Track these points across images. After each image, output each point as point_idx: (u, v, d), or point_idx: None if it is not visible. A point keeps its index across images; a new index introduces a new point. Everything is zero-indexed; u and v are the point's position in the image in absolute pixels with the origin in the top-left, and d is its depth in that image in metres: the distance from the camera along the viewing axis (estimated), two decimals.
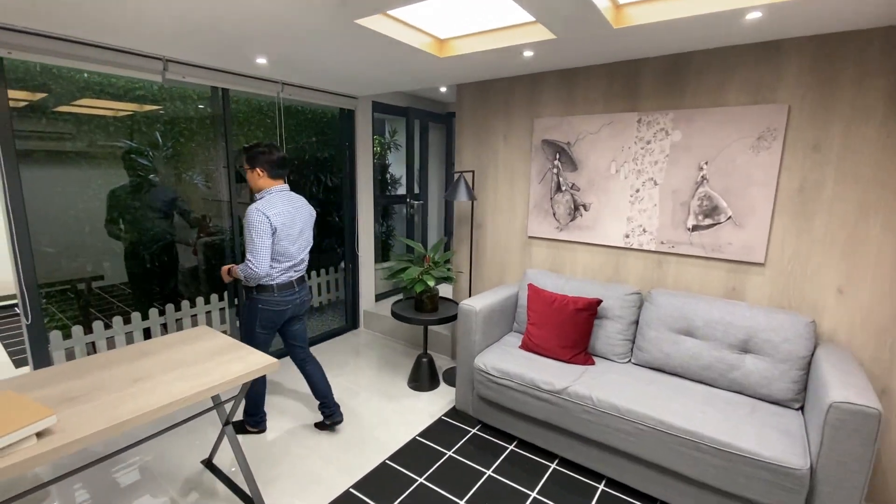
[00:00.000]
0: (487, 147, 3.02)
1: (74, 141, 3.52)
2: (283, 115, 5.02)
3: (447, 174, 4.87)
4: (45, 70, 3.42)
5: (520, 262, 2.99)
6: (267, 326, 2.26)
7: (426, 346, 3.05)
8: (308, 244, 2.32)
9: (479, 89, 2.99)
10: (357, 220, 3.92)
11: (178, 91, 4.19)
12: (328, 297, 5.02)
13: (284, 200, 2.18)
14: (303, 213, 2.28)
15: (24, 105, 3.25)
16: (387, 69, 2.60)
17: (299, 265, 2.30)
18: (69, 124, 3.56)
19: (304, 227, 2.27)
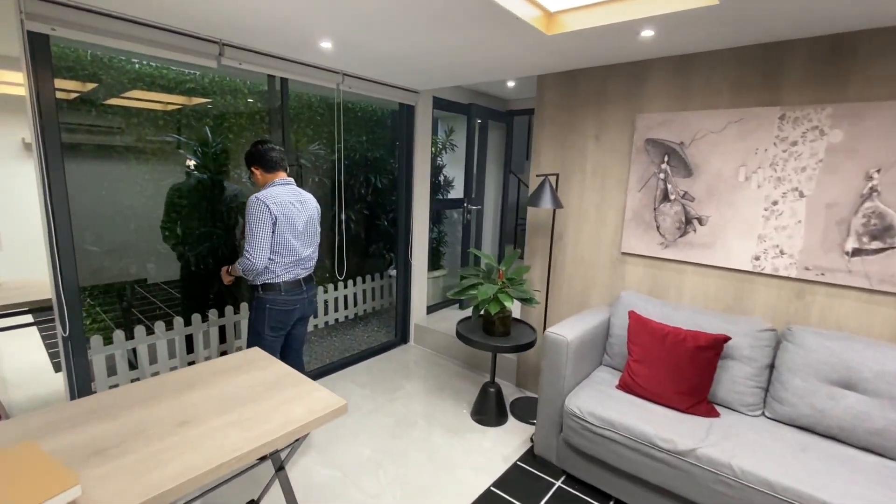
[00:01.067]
0: (573, 148, 2.61)
1: (123, 135, 3.35)
2: (328, 113, 4.77)
3: (505, 178, 4.48)
4: (96, 59, 3.26)
5: (608, 282, 2.57)
6: (276, 328, 2.13)
7: (494, 373, 2.66)
8: (315, 240, 2.21)
9: (566, 81, 2.59)
10: (412, 224, 3.58)
11: (228, 84, 3.98)
12: (372, 304, 4.72)
13: (287, 192, 2.08)
14: (308, 207, 2.16)
15: (73, 97, 3.08)
16: (470, 54, 2.24)
17: (306, 262, 2.17)
18: (117, 117, 3.39)
19: (309, 222, 2.15)
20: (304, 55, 2.46)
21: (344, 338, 4.03)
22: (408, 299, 3.71)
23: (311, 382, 1.54)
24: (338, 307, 4.37)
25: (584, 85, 2.52)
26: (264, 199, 1.98)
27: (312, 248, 2.20)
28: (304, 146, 4.22)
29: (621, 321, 2.33)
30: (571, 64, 2.42)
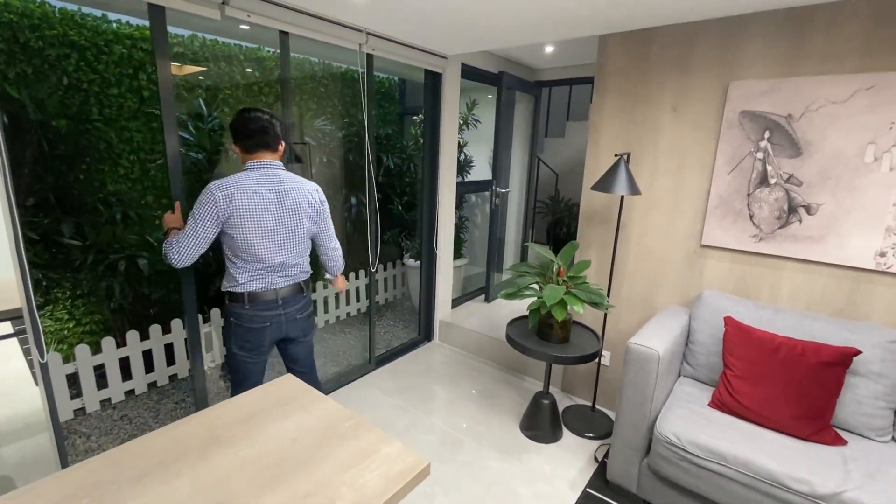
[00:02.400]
0: (643, 122, 2.23)
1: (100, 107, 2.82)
2: (334, 84, 4.27)
3: (532, 156, 4.08)
4: (65, 14, 2.71)
5: (683, 279, 2.23)
6: (245, 348, 1.71)
7: (548, 383, 2.33)
8: (301, 244, 1.72)
9: (637, 42, 2.19)
10: (437, 210, 3.19)
11: (221, 49, 3.47)
12: (385, 296, 4.35)
13: (257, 179, 1.59)
14: (290, 200, 1.65)
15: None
16: (519, 2, 1.82)
17: (283, 270, 1.69)
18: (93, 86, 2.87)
19: (290, 219, 1.66)
20: (327, 7, 2.00)
21: (359, 334, 3.67)
22: (432, 293, 3.34)
23: (374, 430, 1.18)
24: (349, 300, 3.99)
25: (661, 47, 2.12)
26: (216, 186, 1.53)
27: (290, 254, 1.68)
28: (310, 121, 3.75)
29: (705, 326, 2.00)
30: (645, 20, 2.01)
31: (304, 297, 1.79)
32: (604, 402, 2.57)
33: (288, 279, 1.71)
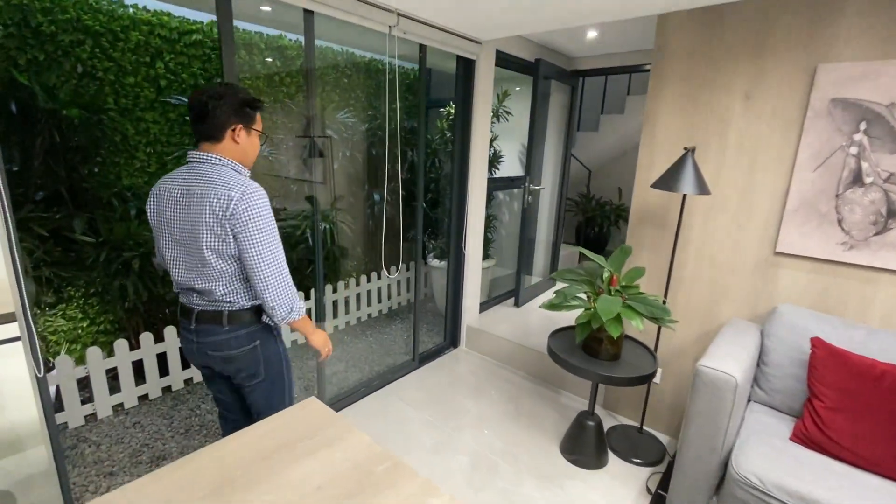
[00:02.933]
0: (709, 111, 1.97)
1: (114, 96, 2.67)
2: (357, 74, 4.08)
3: (566, 151, 3.83)
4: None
5: (751, 289, 1.97)
6: (199, 370, 1.49)
7: (594, 403, 2.10)
8: (207, 265, 1.26)
9: (705, 20, 1.93)
10: (466, 208, 2.97)
11: (242, 38, 3.31)
12: (407, 297, 4.16)
13: (181, 176, 1.28)
14: (193, 206, 1.23)
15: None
16: None
17: (188, 292, 1.34)
18: (108, 74, 2.73)
19: (190, 233, 1.25)
20: None
21: (381, 336, 3.49)
22: (459, 297, 3.13)
23: (414, 476, 0.98)
24: (370, 301, 3.81)
25: (735, 25, 1.86)
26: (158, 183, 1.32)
27: (196, 276, 1.28)
28: (332, 114, 3.58)
29: (781, 345, 1.74)
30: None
31: (224, 331, 1.31)
32: (652, 422, 2.33)
33: (207, 303, 1.32)
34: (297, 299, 1.32)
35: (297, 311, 1.32)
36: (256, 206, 1.22)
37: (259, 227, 1.22)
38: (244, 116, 1.29)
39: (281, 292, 1.28)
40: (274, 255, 1.26)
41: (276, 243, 1.26)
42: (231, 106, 1.25)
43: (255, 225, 1.21)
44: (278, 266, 1.27)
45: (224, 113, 1.24)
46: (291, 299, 1.30)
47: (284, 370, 1.46)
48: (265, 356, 1.39)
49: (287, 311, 1.30)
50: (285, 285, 1.28)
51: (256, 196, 1.22)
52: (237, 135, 1.28)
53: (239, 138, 1.29)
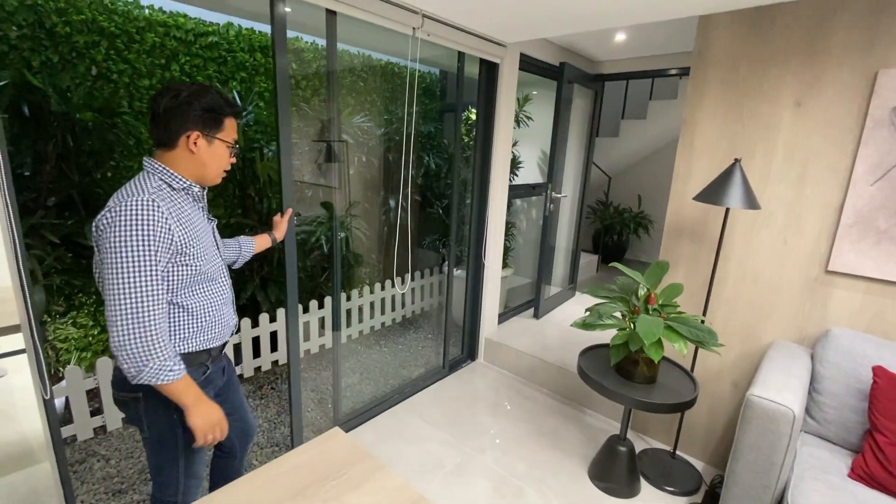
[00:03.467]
0: (754, 119, 1.85)
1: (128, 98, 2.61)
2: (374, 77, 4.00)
3: (588, 158, 3.71)
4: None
5: (798, 309, 1.84)
6: None
7: (626, 427, 1.98)
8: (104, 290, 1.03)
9: (751, 22, 1.81)
10: (486, 216, 2.87)
11: (257, 39, 3.24)
12: (421, 305, 4.06)
13: None
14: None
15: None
16: None
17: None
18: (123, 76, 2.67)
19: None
20: None
21: (395, 347, 3.39)
22: (477, 308, 3.03)
23: None
24: (384, 310, 3.72)
25: (786, 28, 1.74)
26: None
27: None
28: (348, 118, 3.50)
29: (836, 372, 1.62)
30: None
31: (117, 369, 1.13)
32: (686, 447, 2.20)
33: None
34: (153, 358, 1.00)
35: (152, 373, 1.01)
36: (123, 225, 0.96)
37: (117, 249, 0.96)
38: (205, 122, 1.10)
39: (129, 339, 0.98)
40: (127, 289, 0.97)
41: (137, 275, 0.97)
42: (189, 108, 1.07)
43: (113, 246, 0.97)
44: (131, 304, 0.97)
45: (179, 116, 1.07)
46: (143, 354, 0.99)
47: (179, 438, 1.16)
48: (147, 413, 1.13)
49: (136, 370, 0.99)
50: (138, 332, 0.98)
51: (130, 213, 0.97)
52: (193, 143, 1.09)
53: (196, 147, 1.10)
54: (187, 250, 1.07)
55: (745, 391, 2.01)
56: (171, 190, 1.09)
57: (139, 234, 0.97)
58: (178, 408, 1.10)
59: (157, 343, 1.01)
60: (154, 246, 0.99)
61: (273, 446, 2.24)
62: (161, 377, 1.02)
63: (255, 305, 3.03)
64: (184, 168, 1.11)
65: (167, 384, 1.04)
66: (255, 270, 2.98)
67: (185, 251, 1.07)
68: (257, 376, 2.90)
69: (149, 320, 0.99)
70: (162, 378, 1.02)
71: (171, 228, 1.02)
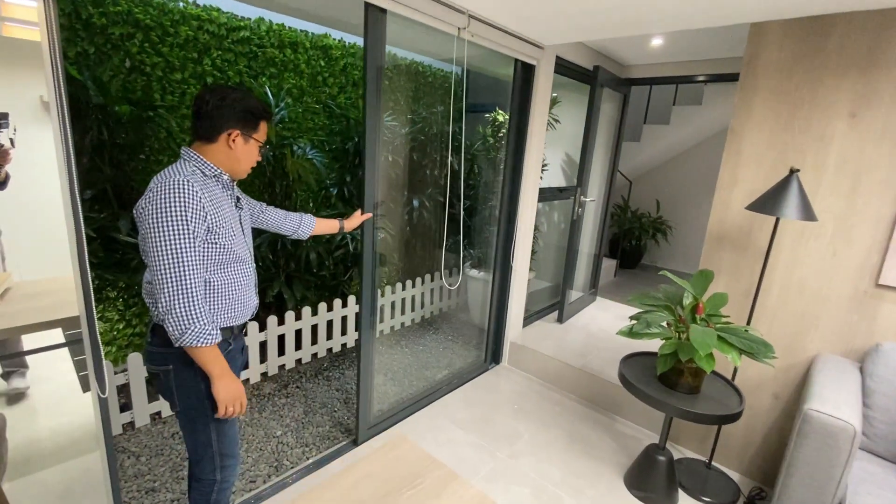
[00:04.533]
0: (804, 129, 1.83)
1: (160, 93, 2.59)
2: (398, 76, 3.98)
3: (613, 162, 3.69)
4: None
5: (846, 322, 1.82)
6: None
7: (666, 436, 1.96)
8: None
9: (806, 31, 1.79)
10: (516, 218, 2.85)
11: (287, 35, 3.22)
12: (439, 306, 4.05)
13: None
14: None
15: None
16: None
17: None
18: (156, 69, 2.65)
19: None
20: None
21: (416, 348, 3.37)
22: (504, 311, 3.01)
23: None
24: (404, 310, 3.70)
25: (843, 37, 1.72)
26: None
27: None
28: None
29: (888, 387, 1.60)
30: (823, 5, 1.61)
31: (148, 343, 1.23)
32: (721, 457, 2.19)
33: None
34: (196, 322, 1.10)
35: (195, 335, 1.10)
36: (163, 201, 1.06)
37: (158, 224, 1.05)
38: (245, 123, 1.21)
39: (175, 304, 1.07)
40: (170, 259, 1.06)
41: (178, 245, 1.07)
42: (233, 109, 1.18)
43: (155, 221, 1.06)
44: (176, 273, 1.07)
45: (224, 115, 1.18)
46: (187, 317, 1.08)
47: (208, 410, 1.23)
48: (178, 385, 1.21)
49: (179, 332, 1.09)
50: (182, 297, 1.08)
51: (169, 191, 1.06)
52: (233, 140, 1.20)
53: (234, 144, 1.21)
54: (217, 230, 1.16)
55: (786, 403, 1.99)
56: (203, 176, 1.18)
57: (178, 210, 1.07)
58: (205, 377, 1.18)
59: (200, 308, 1.11)
60: (191, 221, 1.09)
61: (303, 446, 2.22)
62: (202, 339, 1.11)
63: (280, 303, 3.01)
64: (219, 160, 1.21)
65: (203, 348, 1.12)
66: (282, 268, 2.97)
67: (216, 230, 1.16)
68: (281, 374, 2.88)
69: (191, 287, 1.09)
70: (202, 340, 1.11)
71: (204, 207, 1.11)
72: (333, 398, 2.65)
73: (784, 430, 2.01)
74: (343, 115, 3.42)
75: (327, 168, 3.23)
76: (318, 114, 3.45)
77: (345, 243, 3.13)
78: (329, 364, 3.05)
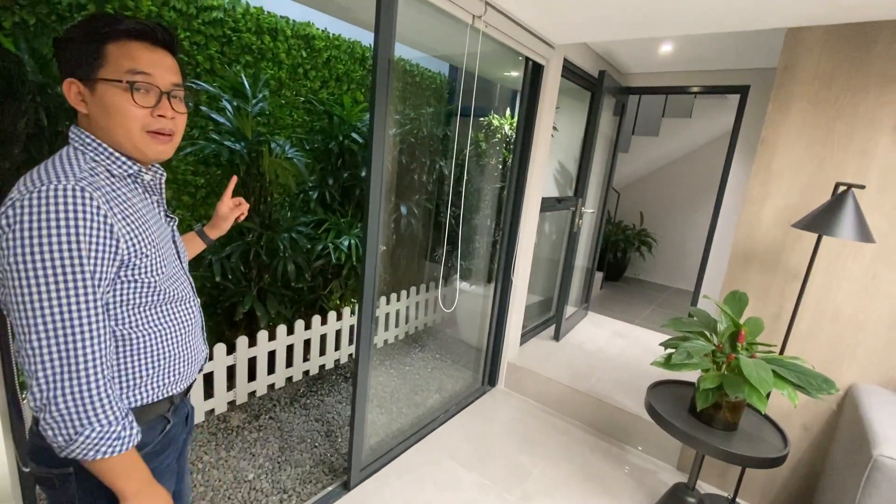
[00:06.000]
0: (844, 143, 1.71)
1: None
2: (463, 69, 3.65)
3: (609, 173, 3.56)
4: None
5: (886, 350, 1.71)
6: None
7: (697, 476, 1.78)
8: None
9: (847, 39, 1.68)
10: (518, 230, 2.64)
11: (266, 20, 2.89)
12: (424, 320, 3.77)
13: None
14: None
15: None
16: None
17: None
18: None
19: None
20: None
21: (402, 368, 3.09)
22: (503, 329, 2.78)
23: None
24: (388, 325, 3.41)
25: (887, 46, 1.61)
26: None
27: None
28: (359, 116, 3.19)
29: None
30: (868, 12, 1.50)
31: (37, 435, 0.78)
32: (745, 493, 2.03)
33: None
34: (93, 422, 0.68)
35: (91, 443, 0.68)
36: (40, 224, 0.64)
37: (29, 262, 0.64)
38: (79, 63, 0.73)
39: (56, 396, 0.66)
40: (49, 321, 0.65)
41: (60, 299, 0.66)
42: (58, 51, 0.75)
43: (23, 257, 0.64)
44: (59, 342, 0.66)
45: (58, 65, 0.75)
46: (77, 417, 0.67)
47: None
48: (83, 498, 0.79)
49: (65, 439, 0.67)
50: (70, 384, 0.67)
51: (46, 202, 0.65)
52: (78, 99, 0.75)
53: (85, 104, 0.75)
54: (138, 261, 0.74)
55: (816, 436, 1.86)
56: (109, 176, 0.75)
57: (64, 239, 0.65)
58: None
59: (102, 398, 0.69)
60: (90, 258, 0.67)
61: (281, 492, 1.89)
62: (103, 448, 0.69)
63: (250, 320, 2.66)
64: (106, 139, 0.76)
65: (109, 458, 0.70)
66: (254, 281, 2.62)
67: (136, 262, 0.74)
68: (252, 402, 2.52)
69: (86, 364, 0.67)
70: (105, 450, 0.69)
71: (112, 229, 0.70)
72: (313, 430, 2.33)
73: (814, 465, 1.87)
74: (325, 112, 3.12)
75: (308, 168, 2.92)
76: (297, 109, 3.13)
77: (326, 252, 2.82)
78: (306, 389, 2.71)
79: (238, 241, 2.49)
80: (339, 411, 2.51)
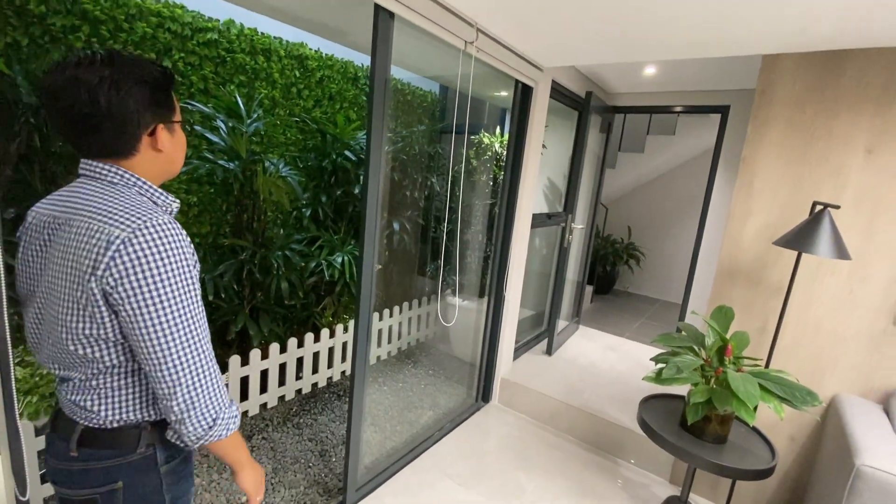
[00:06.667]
0: (820, 164, 1.80)
1: None
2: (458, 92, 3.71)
3: (597, 190, 3.64)
4: None
5: (864, 362, 1.77)
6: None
7: (689, 489, 1.81)
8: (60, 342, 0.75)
9: (820, 65, 1.77)
10: (510, 246, 2.68)
11: (260, 41, 2.93)
12: (416, 336, 3.78)
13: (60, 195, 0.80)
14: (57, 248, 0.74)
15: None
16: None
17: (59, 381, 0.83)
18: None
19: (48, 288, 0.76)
20: None
21: (395, 385, 3.08)
22: (496, 345, 2.80)
23: None
24: (381, 342, 3.41)
25: (856, 73, 1.71)
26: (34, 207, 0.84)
27: (49, 353, 0.79)
28: (351, 134, 3.23)
29: None
30: (835, 40, 1.59)
31: (78, 460, 0.79)
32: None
33: (63, 396, 0.81)
34: (225, 407, 0.80)
35: (225, 422, 0.80)
36: (158, 255, 0.70)
37: (162, 290, 0.71)
38: (161, 107, 0.78)
39: (202, 395, 0.76)
40: (192, 336, 0.75)
41: (194, 315, 0.75)
42: (140, 95, 0.73)
43: (153, 286, 0.70)
44: (195, 351, 0.75)
45: (129, 106, 0.72)
46: (215, 407, 0.78)
47: None
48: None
49: (208, 424, 0.77)
50: (206, 383, 0.77)
51: (161, 237, 0.71)
52: (158, 139, 0.78)
53: (161, 143, 0.79)
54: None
55: (803, 446, 1.91)
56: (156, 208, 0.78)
57: (183, 264, 0.74)
58: (173, 484, 0.86)
59: (222, 387, 0.82)
60: (192, 275, 0.77)
61: None
62: (231, 426, 0.82)
63: (242, 339, 2.64)
64: (152, 176, 0.81)
65: (229, 436, 0.82)
66: (247, 299, 2.61)
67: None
68: (244, 422, 2.49)
69: (213, 365, 0.80)
70: (232, 426, 0.82)
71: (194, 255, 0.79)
72: (307, 451, 2.31)
73: (801, 476, 1.92)
74: (319, 131, 3.15)
75: (301, 186, 2.94)
76: (290, 127, 3.16)
77: (320, 270, 2.83)
78: (299, 408, 2.69)
79: (231, 259, 2.48)
80: (332, 430, 2.50)
